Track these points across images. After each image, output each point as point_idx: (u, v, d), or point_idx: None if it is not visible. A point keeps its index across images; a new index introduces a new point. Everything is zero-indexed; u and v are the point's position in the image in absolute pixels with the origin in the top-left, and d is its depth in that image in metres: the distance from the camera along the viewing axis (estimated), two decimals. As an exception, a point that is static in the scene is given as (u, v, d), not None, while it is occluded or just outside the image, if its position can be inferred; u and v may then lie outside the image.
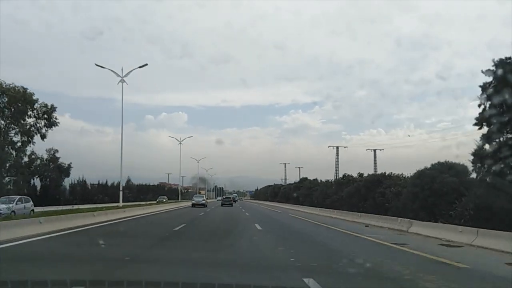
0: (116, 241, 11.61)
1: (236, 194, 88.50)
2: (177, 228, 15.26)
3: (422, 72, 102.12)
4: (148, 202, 47.16)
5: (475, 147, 15.94)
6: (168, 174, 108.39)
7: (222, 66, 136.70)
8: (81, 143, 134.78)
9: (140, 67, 30.10)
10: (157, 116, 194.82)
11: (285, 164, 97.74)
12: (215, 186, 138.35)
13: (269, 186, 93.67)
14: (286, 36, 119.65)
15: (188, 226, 16.91)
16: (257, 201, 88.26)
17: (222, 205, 48.23)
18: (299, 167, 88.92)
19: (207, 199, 56.59)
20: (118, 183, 39.25)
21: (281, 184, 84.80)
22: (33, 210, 24.47)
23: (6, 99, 38.47)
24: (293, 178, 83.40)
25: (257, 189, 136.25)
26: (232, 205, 47.77)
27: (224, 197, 60.52)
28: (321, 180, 47.26)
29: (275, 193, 74.45)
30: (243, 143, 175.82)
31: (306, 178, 57.65)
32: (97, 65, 29.50)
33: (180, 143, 66.58)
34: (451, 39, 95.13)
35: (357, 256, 9.14)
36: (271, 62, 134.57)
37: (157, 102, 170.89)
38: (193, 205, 41.54)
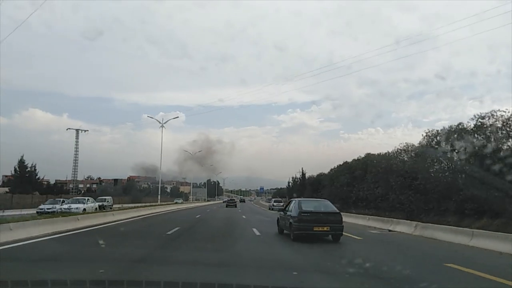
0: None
1: (241, 196, 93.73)
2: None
3: (421, 72, 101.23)
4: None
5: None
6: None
7: (220, 66, 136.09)
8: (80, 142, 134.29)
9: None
10: (155, 116, 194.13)
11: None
12: (209, 180, 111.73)
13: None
14: (285, 35, 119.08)
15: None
16: None
17: (226, 206, 56.16)
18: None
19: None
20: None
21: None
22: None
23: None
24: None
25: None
26: (236, 206, 56.22)
27: (229, 199, 69.75)
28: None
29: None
30: (241, 142, 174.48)
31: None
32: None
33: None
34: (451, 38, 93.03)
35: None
36: (269, 61, 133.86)
37: (154, 102, 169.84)
38: (225, 202, 74.00)
